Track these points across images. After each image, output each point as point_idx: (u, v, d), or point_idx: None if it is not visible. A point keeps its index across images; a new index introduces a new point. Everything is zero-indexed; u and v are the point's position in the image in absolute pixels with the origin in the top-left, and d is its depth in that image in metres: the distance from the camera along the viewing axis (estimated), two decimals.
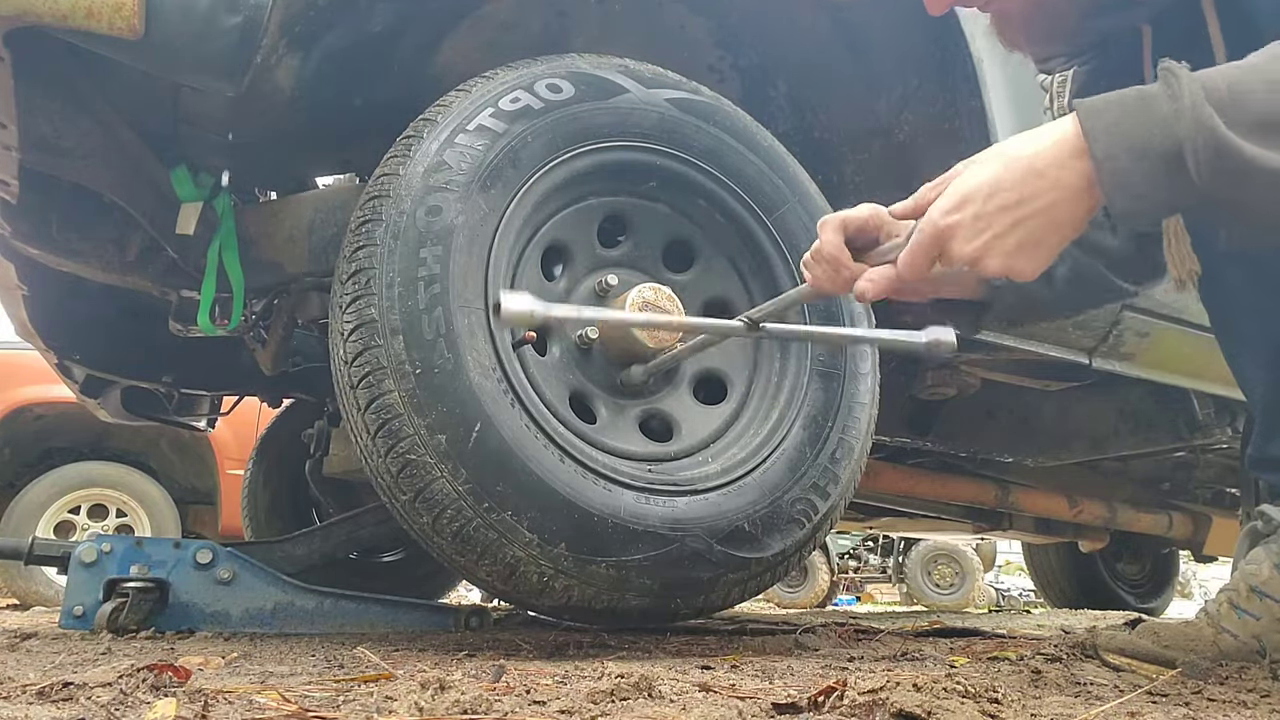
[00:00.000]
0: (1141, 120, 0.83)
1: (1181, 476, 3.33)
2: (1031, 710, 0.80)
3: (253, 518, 2.93)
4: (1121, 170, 0.83)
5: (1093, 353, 2.05)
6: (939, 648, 1.50)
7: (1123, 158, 0.83)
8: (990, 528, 3.62)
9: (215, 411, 2.97)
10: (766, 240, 1.54)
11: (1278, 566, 1.05)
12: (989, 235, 0.88)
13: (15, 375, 4.34)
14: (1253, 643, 1.03)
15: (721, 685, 0.91)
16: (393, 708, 0.76)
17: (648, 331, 1.37)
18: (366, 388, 1.22)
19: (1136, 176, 0.83)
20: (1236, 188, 0.82)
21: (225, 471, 4.50)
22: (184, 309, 1.95)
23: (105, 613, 1.51)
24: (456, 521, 1.20)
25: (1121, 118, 0.84)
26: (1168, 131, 0.82)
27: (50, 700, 0.75)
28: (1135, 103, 0.84)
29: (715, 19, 1.81)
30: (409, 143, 1.32)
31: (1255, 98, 0.81)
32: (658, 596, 1.31)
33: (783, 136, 1.71)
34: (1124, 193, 0.83)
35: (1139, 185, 0.83)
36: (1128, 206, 0.84)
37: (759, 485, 1.39)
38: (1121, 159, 0.83)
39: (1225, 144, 0.80)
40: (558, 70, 1.42)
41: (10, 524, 4.13)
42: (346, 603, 1.66)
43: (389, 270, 1.23)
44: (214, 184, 1.71)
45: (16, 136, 1.39)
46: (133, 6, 1.22)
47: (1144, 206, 0.84)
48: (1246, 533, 1.13)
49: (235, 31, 1.28)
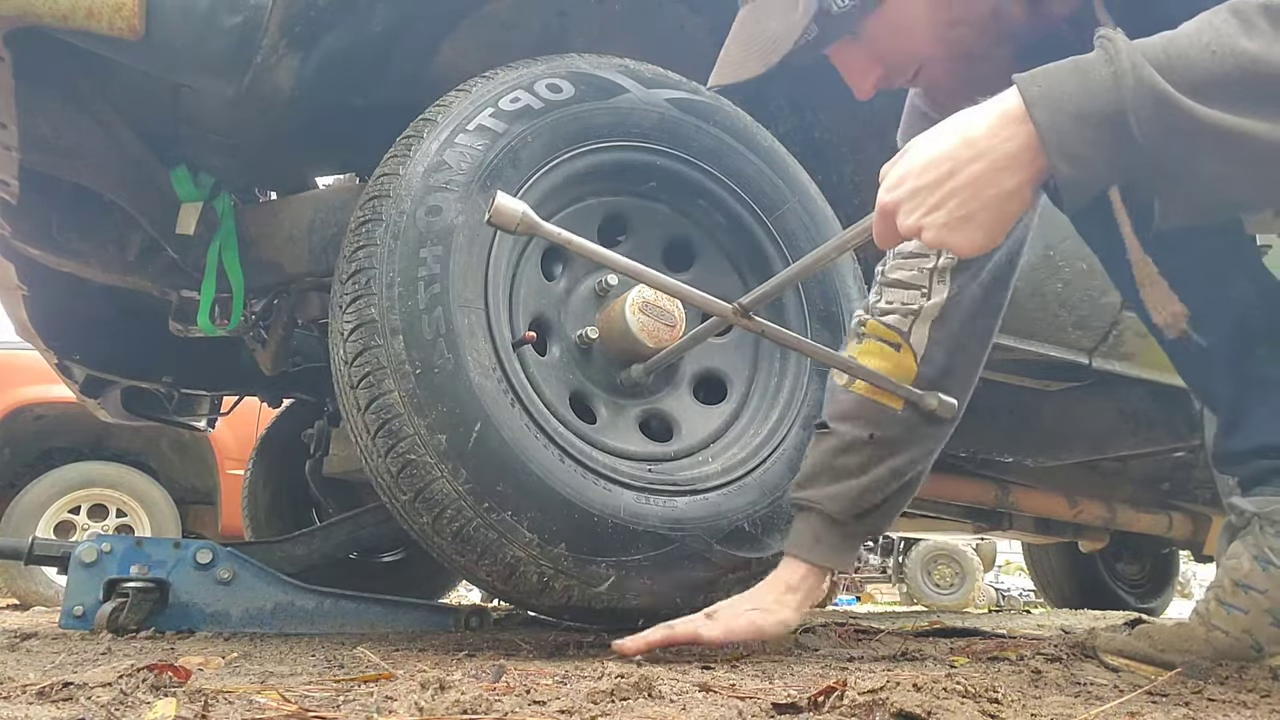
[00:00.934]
0: (1083, 85, 0.84)
1: (1181, 476, 3.33)
2: (1031, 710, 0.80)
3: (253, 518, 2.93)
4: (1064, 133, 0.83)
5: (1093, 353, 2.05)
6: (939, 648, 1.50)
7: (1065, 121, 0.84)
8: (990, 528, 3.61)
9: (215, 411, 2.97)
10: (766, 240, 1.54)
11: (1256, 559, 1.05)
12: (924, 209, 0.88)
13: (15, 375, 4.34)
14: (1245, 638, 1.03)
15: (721, 685, 0.91)
16: (393, 708, 0.76)
17: (647, 331, 1.37)
18: (366, 388, 1.22)
19: (1078, 139, 0.83)
20: (1179, 146, 0.83)
21: (225, 471, 4.50)
22: (184, 309, 1.95)
23: (105, 613, 1.51)
24: (456, 521, 1.20)
25: (1062, 83, 0.85)
26: (1109, 95, 0.83)
27: (50, 700, 0.75)
28: (1073, 71, 0.85)
29: (715, 19, 1.81)
30: (409, 143, 1.33)
31: (1193, 59, 0.82)
32: (658, 596, 1.31)
33: (783, 137, 1.71)
34: (1066, 157, 0.84)
35: (1081, 147, 0.83)
36: (1071, 172, 0.84)
37: (759, 485, 1.39)
38: (1064, 122, 0.84)
39: (1167, 99, 0.81)
40: (558, 70, 1.42)
41: (10, 524, 4.13)
42: (346, 603, 1.66)
43: (389, 270, 1.23)
44: (214, 184, 1.71)
45: (16, 136, 1.39)
46: (133, 6, 1.22)
47: (1087, 172, 0.84)
48: (1224, 528, 1.14)
49: (235, 32, 1.28)
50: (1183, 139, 0.82)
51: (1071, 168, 0.84)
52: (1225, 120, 0.81)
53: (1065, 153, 0.84)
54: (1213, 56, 0.82)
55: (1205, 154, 0.84)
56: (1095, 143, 0.83)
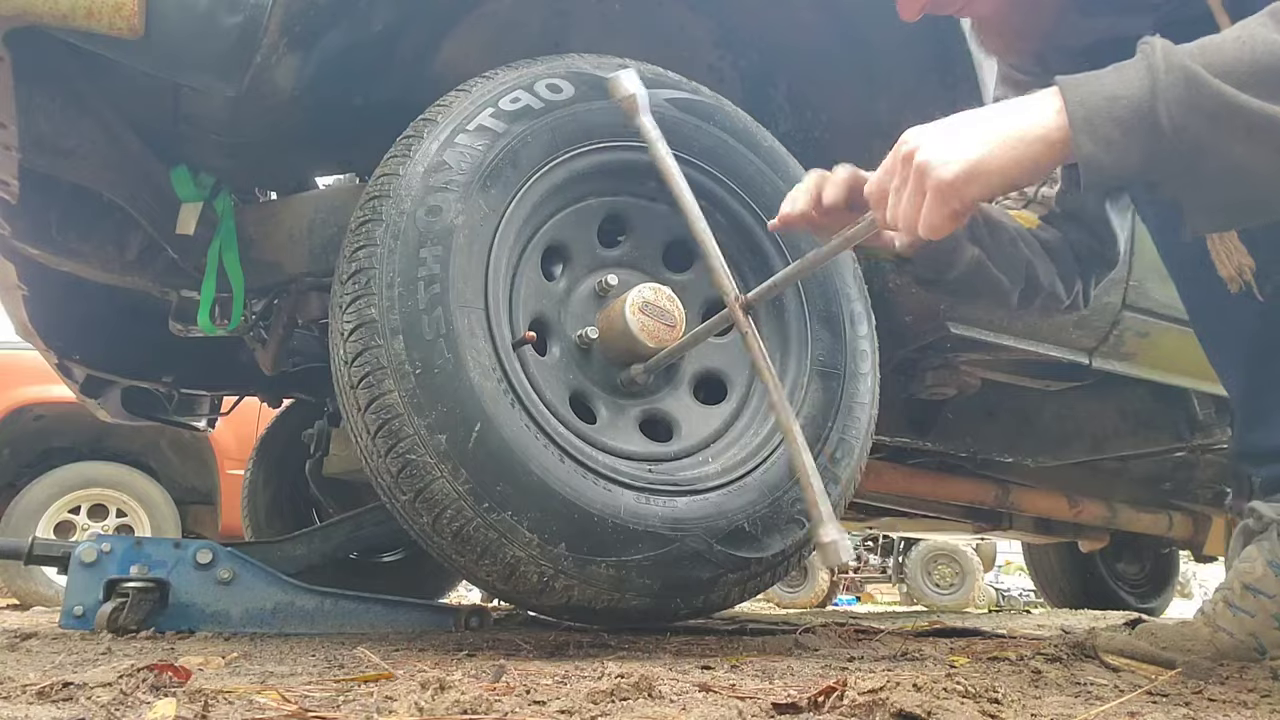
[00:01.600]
0: (1118, 75, 0.88)
1: (1181, 476, 3.33)
2: (1031, 710, 0.80)
3: (253, 518, 2.93)
4: (1093, 109, 0.87)
5: (1093, 353, 2.05)
6: (939, 648, 1.50)
7: (1095, 100, 0.87)
8: (990, 528, 3.61)
9: (215, 411, 2.97)
10: (766, 240, 1.54)
11: (1270, 563, 1.05)
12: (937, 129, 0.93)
13: (15, 375, 4.34)
14: (1249, 640, 1.03)
15: (721, 685, 0.91)
16: (393, 708, 0.76)
17: (647, 331, 1.37)
18: (366, 388, 1.21)
19: (1107, 118, 0.86)
20: (1206, 132, 0.84)
21: (225, 471, 4.50)
22: (184, 309, 1.95)
23: (105, 613, 1.51)
24: (456, 521, 1.20)
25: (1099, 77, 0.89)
26: (1142, 80, 0.86)
27: (50, 700, 0.75)
28: (1112, 69, 0.89)
29: (715, 19, 1.81)
30: (409, 143, 1.32)
31: (1223, 47, 0.85)
32: (658, 596, 1.31)
33: (783, 137, 1.71)
34: (1091, 134, 0.86)
35: (1108, 127, 0.86)
36: (1093, 149, 0.86)
37: (759, 485, 1.39)
38: (1093, 101, 0.87)
39: (1197, 78, 0.84)
40: (558, 70, 1.42)
41: (10, 524, 4.13)
42: (346, 603, 1.65)
43: (389, 270, 1.23)
44: (214, 184, 1.71)
45: (16, 136, 1.39)
46: (133, 6, 1.22)
47: (1111, 155, 0.86)
48: (1240, 531, 1.14)
49: (235, 31, 1.28)
50: (1210, 124, 0.84)
51: (1094, 145, 0.86)
52: (1253, 104, 0.83)
53: (1092, 130, 0.86)
54: (1242, 45, 0.84)
55: (1232, 141, 0.85)
56: (1122, 123, 0.85)
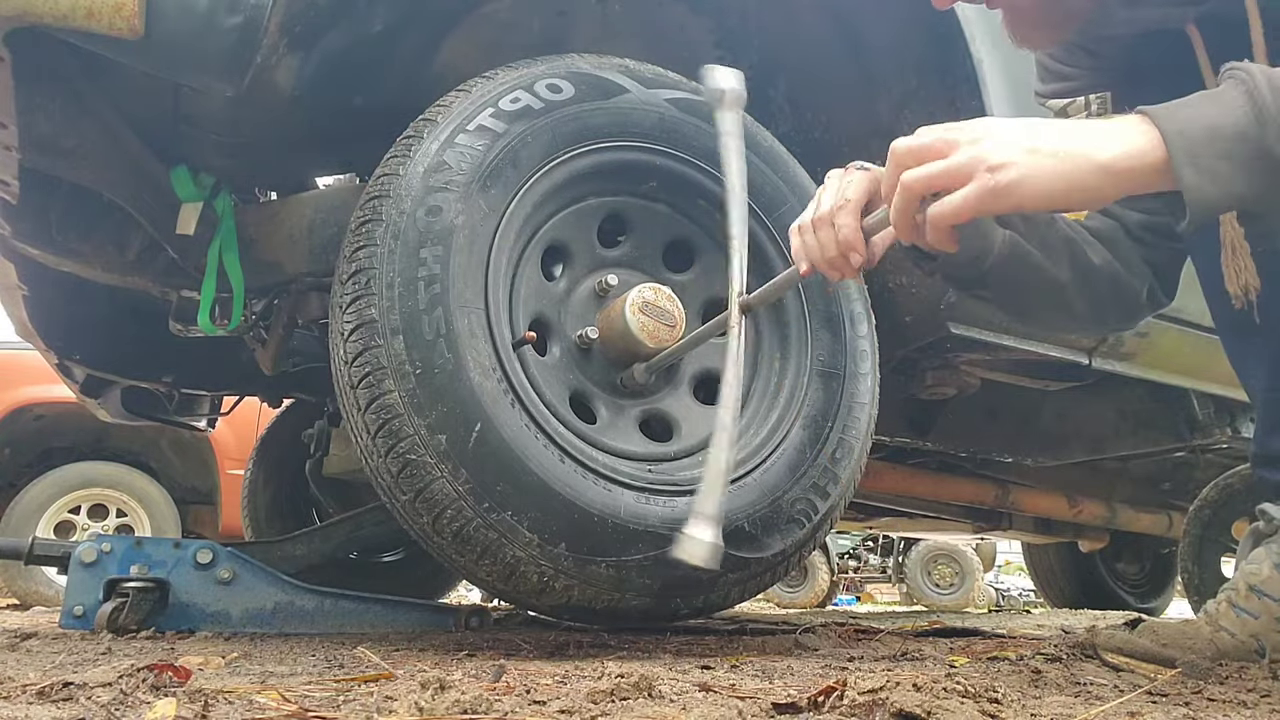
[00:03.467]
0: (1215, 103, 0.81)
1: (1181, 476, 3.33)
2: (1031, 710, 0.80)
3: (253, 518, 2.93)
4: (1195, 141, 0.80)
5: (1093, 353, 2.05)
6: (939, 648, 1.50)
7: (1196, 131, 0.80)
8: (990, 528, 3.61)
9: (215, 411, 2.97)
10: (767, 240, 1.54)
11: (1278, 566, 1.05)
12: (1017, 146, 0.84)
13: (15, 375, 4.34)
14: (1251, 641, 1.03)
15: (721, 685, 0.91)
16: (393, 708, 0.76)
17: (647, 332, 1.37)
18: (366, 388, 1.22)
19: (1211, 150, 0.80)
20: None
21: (225, 471, 4.50)
22: (184, 309, 1.95)
23: (105, 613, 1.51)
24: (456, 521, 1.20)
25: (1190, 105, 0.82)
26: (1244, 108, 0.80)
27: (50, 700, 0.75)
28: (1203, 96, 0.82)
29: (715, 19, 1.81)
30: (409, 143, 1.32)
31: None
32: (658, 596, 1.31)
33: (783, 137, 1.71)
34: (1196, 166, 0.80)
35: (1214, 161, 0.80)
36: (1198, 182, 0.80)
37: (759, 485, 1.39)
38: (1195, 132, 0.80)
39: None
40: (558, 70, 1.42)
41: (10, 524, 4.13)
42: (346, 603, 1.65)
43: (389, 270, 1.23)
44: (214, 184, 1.71)
45: (16, 136, 1.39)
46: (133, 6, 1.21)
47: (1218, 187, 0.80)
48: (1250, 532, 1.14)
49: (235, 31, 1.28)
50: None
51: (1198, 176, 0.80)
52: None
53: (1195, 162, 0.80)
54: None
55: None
56: (1229, 154, 0.80)
